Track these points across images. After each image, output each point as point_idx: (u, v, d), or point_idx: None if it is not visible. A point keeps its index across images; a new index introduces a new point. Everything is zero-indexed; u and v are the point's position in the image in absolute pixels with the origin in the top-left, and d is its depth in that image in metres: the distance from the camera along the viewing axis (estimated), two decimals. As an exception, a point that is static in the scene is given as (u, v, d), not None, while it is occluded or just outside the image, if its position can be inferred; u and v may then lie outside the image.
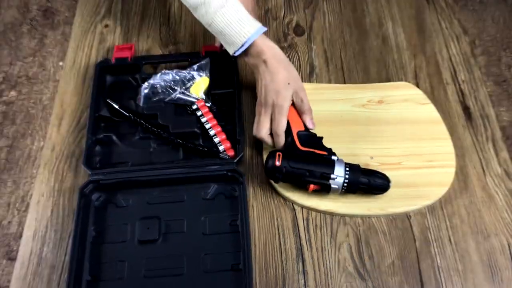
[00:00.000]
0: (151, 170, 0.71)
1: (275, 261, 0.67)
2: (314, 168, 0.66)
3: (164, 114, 0.77)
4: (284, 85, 0.68)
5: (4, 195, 0.74)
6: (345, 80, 0.84)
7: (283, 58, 0.71)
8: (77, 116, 0.81)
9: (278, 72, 0.68)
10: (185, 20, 0.93)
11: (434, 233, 0.68)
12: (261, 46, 0.69)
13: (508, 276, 0.65)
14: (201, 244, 0.67)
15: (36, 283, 0.66)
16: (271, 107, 0.69)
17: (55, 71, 0.88)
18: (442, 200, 0.71)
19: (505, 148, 0.76)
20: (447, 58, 0.86)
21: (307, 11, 0.93)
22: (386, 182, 0.66)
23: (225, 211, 0.70)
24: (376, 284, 0.65)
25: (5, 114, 0.83)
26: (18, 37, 0.93)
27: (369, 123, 0.77)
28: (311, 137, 0.70)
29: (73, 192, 0.73)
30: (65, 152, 0.77)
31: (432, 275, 0.65)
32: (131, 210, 0.71)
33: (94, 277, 0.65)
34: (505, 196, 0.71)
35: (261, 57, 0.69)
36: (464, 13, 0.93)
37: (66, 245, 0.69)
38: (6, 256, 0.70)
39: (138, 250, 0.67)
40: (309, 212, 0.70)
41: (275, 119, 0.69)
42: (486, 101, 0.81)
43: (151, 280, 0.65)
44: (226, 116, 0.78)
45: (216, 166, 0.71)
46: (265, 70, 0.69)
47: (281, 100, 0.68)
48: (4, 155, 0.78)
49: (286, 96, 0.68)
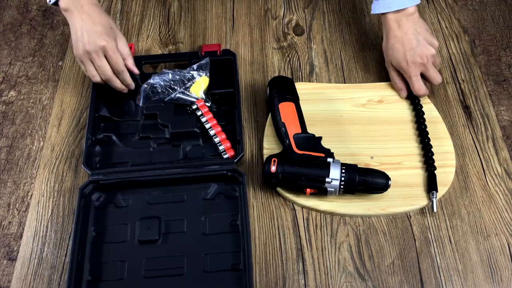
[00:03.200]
0: (151, 170, 0.71)
1: (275, 261, 0.67)
2: (309, 172, 0.66)
3: (164, 114, 0.77)
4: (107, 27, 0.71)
5: (4, 195, 0.74)
6: (345, 80, 0.84)
7: (100, 7, 0.74)
8: (77, 116, 0.81)
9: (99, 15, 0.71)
10: (185, 20, 0.93)
11: (434, 233, 0.68)
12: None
13: (508, 276, 0.65)
14: (201, 244, 0.67)
15: (36, 284, 0.66)
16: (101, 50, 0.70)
17: (55, 71, 0.88)
18: (442, 200, 0.71)
19: (505, 147, 0.76)
20: (447, 57, 0.86)
21: (306, 10, 0.93)
22: (384, 181, 0.66)
23: (225, 211, 0.70)
24: (376, 284, 0.65)
25: (5, 114, 0.83)
26: (18, 37, 0.93)
27: (369, 122, 0.77)
28: (308, 138, 0.70)
29: (73, 192, 0.73)
30: (65, 152, 0.77)
31: (432, 275, 0.65)
32: (131, 210, 0.71)
33: (94, 277, 0.65)
34: (505, 195, 0.71)
35: (79, 1, 0.70)
36: (464, 13, 0.93)
37: (67, 245, 0.69)
38: (7, 257, 0.69)
39: (138, 250, 0.67)
40: (309, 212, 0.70)
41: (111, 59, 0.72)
42: (486, 100, 0.81)
43: (151, 280, 0.65)
44: (226, 116, 0.78)
45: (216, 166, 0.71)
46: (83, 14, 0.70)
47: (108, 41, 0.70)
48: (4, 155, 0.78)
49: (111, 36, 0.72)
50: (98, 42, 0.70)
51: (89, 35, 0.70)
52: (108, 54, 0.71)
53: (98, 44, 0.70)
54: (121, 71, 0.74)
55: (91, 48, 0.70)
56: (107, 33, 0.71)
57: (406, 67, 0.74)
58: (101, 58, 0.71)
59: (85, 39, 0.70)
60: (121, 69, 0.73)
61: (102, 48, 0.70)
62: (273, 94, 0.74)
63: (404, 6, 0.73)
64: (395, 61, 0.75)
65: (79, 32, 0.70)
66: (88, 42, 0.70)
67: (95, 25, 0.70)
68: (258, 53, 0.87)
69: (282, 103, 0.73)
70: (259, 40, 0.89)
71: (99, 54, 0.71)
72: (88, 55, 0.71)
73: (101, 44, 0.70)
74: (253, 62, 0.86)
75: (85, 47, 0.70)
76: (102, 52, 0.71)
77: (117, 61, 0.72)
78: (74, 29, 0.71)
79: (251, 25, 0.91)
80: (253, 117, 0.80)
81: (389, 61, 0.78)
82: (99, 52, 0.71)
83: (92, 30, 0.70)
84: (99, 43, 0.70)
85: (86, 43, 0.70)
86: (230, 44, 0.89)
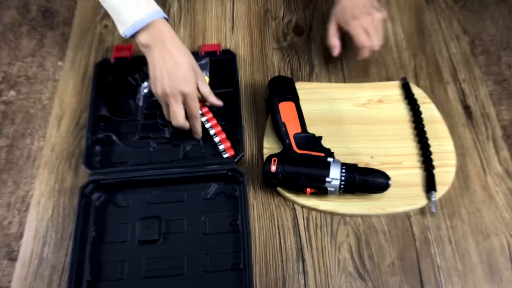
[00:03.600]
0: (151, 170, 0.71)
1: (275, 261, 0.67)
2: (309, 172, 0.66)
3: (163, 114, 0.77)
4: (190, 70, 0.67)
5: (4, 195, 0.74)
6: (345, 80, 0.84)
7: (182, 44, 0.69)
8: (77, 116, 0.81)
9: (182, 54, 0.67)
10: (185, 20, 0.93)
11: (434, 233, 0.68)
12: (161, 27, 0.66)
13: (507, 276, 0.65)
14: (201, 244, 0.67)
15: (37, 284, 0.66)
16: (181, 96, 0.67)
17: (55, 71, 0.88)
18: (442, 200, 0.71)
19: (506, 147, 0.76)
20: (447, 57, 0.86)
21: (306, 11, 0.93)
22: (385, 181, 0.66)
23: (225, 210, 0.70)
24: (376, 284, 0.65)
25: (5, 114, 0.83)
26: (18, 37, 0.93)
27: (369, 122, 0.77)
28: (308, 138, 0.70)
29: (73, 192, 0.73)
30: (65, 152, 0.77)
31: (432, 275, 0.65)
32: (131, 210, 0.71)
33: (94, 277, 0.65)
34: (506, 195, 0.71)
35: (160, 36, 0.66)
36: (464, 13, 0.94)
37: (67, 246, 0.68)
38: (7, 257, 0.70)
39: (138, 250, 0.67)
40: (309, 212, 0.70)
41: (189, 106, 0.68)
42: (487, 100, 0.81)
43: (151, 280, 0.65)
44: (226, 116, 0.78)
45: (216, 166, 0.71)
46: (164, 52, 0.66)
47: (190, 87, 0.67)
48: (4, 155, 0.78)
49: (193, 81, 0.67)
50: (180, 87, 0.65)
51: (170, 79, 0.65)
52: (187, 101, 0.67)
53: (179, 90, 0.66)
54: (195, 118, 0.70)
55: (171, 94, 0.66)
56: (189, 78, 0.67)
57: (352, 21, 0.74)
58: (178, 104, 0.67)
59: (165, 82, 0.65)
60: (195, 116, 0.70)
61: (183, 94, 0.66)
62: (273, 94, 0.74)
63: None
64: (342, 18, 0.76)
65: (158, 73, 0.66)
66: (169, 87, 0.65)
67: (177, 68, 0.66)
68: (258, 53, 0.87)
69: (282, 102, 0.73)
70: (259, 40, 0.89)
71: (178, 99, 0.67)
72: (166, 98, 0.67)
73: (183, 90, 0.66)
74: (253, 62, 0.86)
75: (165, 90, 0.66)
76: (182, 98, 0.67)
77: (194, 109, 0.68)
78: (153, 67, 0.67)
79: (251, 25, 0.91)
80: (253, 117, 0.80)
81: (333, 20, 0.78)
82: (178, 97, 0.66)
83: (174, 74, 0.65)
84: (181, 89, 0.66)
85: (167, 87, 0.65)
86: (230, 44, 0.89)
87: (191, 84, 0.67)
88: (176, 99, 0.67)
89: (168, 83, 0.66)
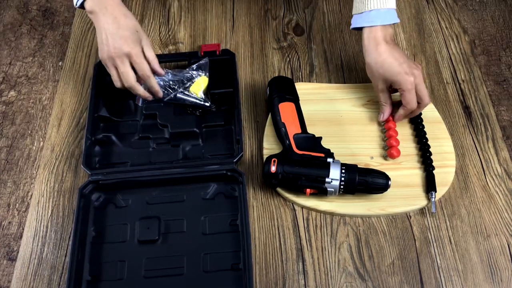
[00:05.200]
0: (150, 170, 0.71)
1: (275, 261, 0.67)
2: (309, 172, 0.66)
3: (163, 114, 0.77)
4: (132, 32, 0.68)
5: (4, 195, 0.74)
6: (345, 80, 0.84)
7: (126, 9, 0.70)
8: (77, 116, 0.81)
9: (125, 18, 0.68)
10: (185, 20, 0.93)
11: (434, 233, 0.68)
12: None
13: (508, 276, 0.65)
14: (201, 244, 0.67)
15: (36, 284, 0.66)
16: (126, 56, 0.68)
17: (55, 71, 0.88)
18: (442, 200, 0.71)
19: (505, 147, 0.76)
20: (447, 57, 0.86)
21: (306, 11, 0.93)
22: (384, 181, 0.66)
23: (225, 211, 0.70)
24: (376, 284, 0.65)
25: (5, 114, 0.83)
26: (18, 37, 0.93)
27: (369, 122, 0.77)
28: (308, 138, 0.70)
29: (73, 192, 0.73)
30: (64, 153, 0.77)
31: (432, 275, 0.65)
32: (131, 210, 0.71)
33: (94, 277, 0.65)
34: (505, 196, 0.71)
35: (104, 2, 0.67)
36: (464, 13, 0.93)
37: (66, 246, 0.69)
38: (7, 257, 0.69)
39: (138, 250, 0.67)
40: (309, 212, 0.70)
41: (138, 66, 0.69)
42: (486, 100, 0.81)
43: (151, 280, 0.65)
44: (225, 116, 0.78)
45: (216, 166, 0.71)
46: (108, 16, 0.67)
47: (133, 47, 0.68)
48: (3, 155, 0.78)
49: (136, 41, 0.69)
50: (123, 48, 0.67)
51: (114, 40, 0.67)
52: (133, 60, 0.69)
53: (123, 50, 0.67)
54: (147, 77, 0.71)
55: (115, 54, 0.68)
56: (133, 38, 0.68)
57: (404, 78, 0.67)
58: (125, 65, 0.69)
59: (110, 43, 0.67)
60: (147, 74, 0.71)
61: (127, 54, 0.68)
62: (273, 94, 0.74)
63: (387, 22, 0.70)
64: (390, 74, 0.68)
65: (103, 36, 0.68)
66: (113, 48, 0.67)
67: (120, 29, 0.67)
68: (258, 53, 0.87)
69: (282, 103, 0.73)
70: (259, 40, 0.89)
71: (124, 60, 0.68)
72: (112, 60, 0.69)
73: (126, 50, 0.67)
74: (253, 62, 0.86)
75: (109, 52, 0.68)
76: (127, 58, 0.68)
77: (143, 66, 0.70)
78: (99, 32, 0.69)
79: (251, 25, 0.91)
80: (253, 117, 0.80)
81: (380, 78, 0.71)
82: (124, 58, 0.68)
83: (117, 34, 0.67)
84: (124, 49, 0.67)
85: (111, 48, 0.67)
86: (230, 44, 0.89)
87: (133, 44, 0.68)
88: (122, 59, 0.68)
89: (112, 44, 0.67)
